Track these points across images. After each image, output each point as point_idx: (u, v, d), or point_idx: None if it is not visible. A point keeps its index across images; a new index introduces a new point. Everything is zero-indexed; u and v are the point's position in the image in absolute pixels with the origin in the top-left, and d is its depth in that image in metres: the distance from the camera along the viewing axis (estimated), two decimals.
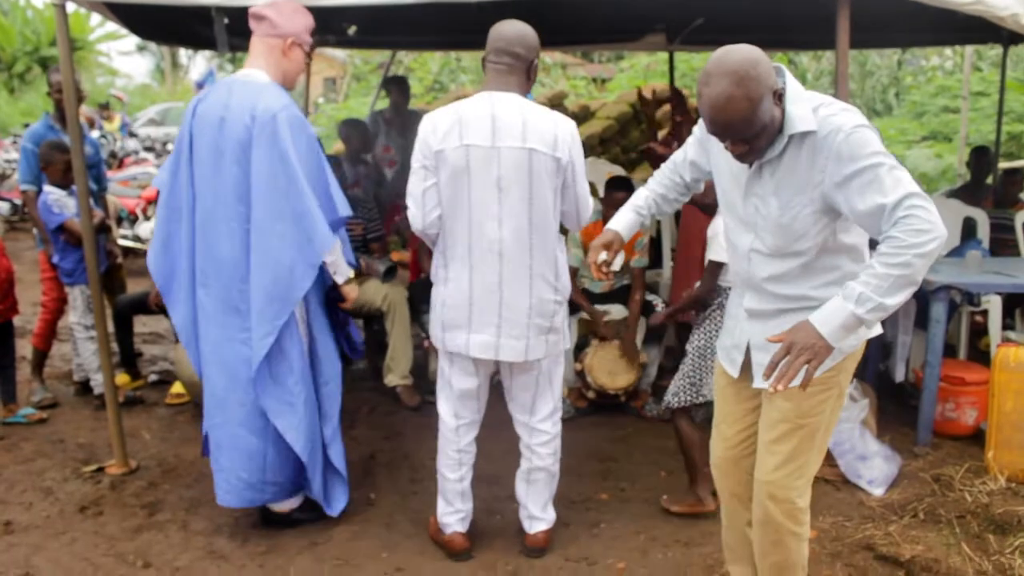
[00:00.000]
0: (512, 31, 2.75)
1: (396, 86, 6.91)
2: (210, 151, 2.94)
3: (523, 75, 2.78)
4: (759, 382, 2.30)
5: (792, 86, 2.05)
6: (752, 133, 1.99)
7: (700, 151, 2.46)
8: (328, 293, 3.17)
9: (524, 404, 3.02)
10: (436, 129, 2.72)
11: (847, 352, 2.24)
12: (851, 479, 3.60)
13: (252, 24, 3.00)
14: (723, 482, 2.58)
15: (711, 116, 1.98)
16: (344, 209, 3.01)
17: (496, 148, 2.69)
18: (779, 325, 2.17)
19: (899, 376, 4.63)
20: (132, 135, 13.33)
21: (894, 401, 4.47)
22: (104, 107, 14.05)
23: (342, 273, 3.09)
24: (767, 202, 2.14)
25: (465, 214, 2.75)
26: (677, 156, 2.57)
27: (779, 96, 2.01)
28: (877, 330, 2.30)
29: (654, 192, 2.60)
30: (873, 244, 2.69)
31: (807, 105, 2.03)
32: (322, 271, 3.02)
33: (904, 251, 1.88)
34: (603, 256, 2.48)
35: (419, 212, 2.79)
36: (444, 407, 3.05)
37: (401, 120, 6.66)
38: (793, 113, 2.02)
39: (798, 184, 2.07)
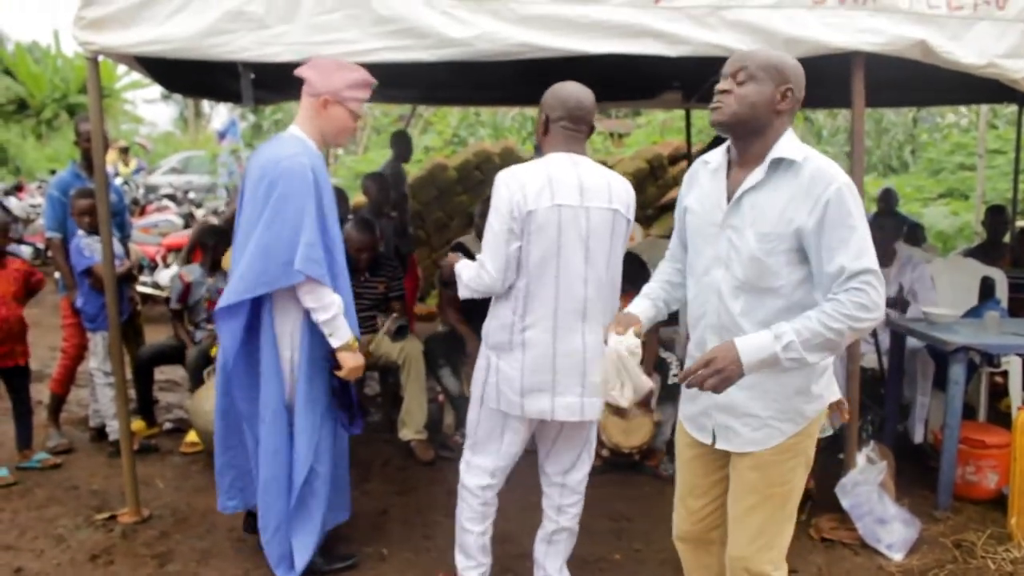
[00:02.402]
0: (590, 101, 2.77)
1: (399, 140, 7.60)
2: (247, 201, 3.07)
3: (587, 139, 2.85)
4: (721, 443, 2.27)
5: (790, 131, 2.17)
6: (752, 76, 2.11)
7: (681, 215, 2.42)
8: (328, 360, 3.09)
9: (567, 462, 2.97)
10: (524, 189, 2.66)
11: (811, 417, 2.21)
12: (869, 543, 3.53)
13: None
14: (689, 556, 2.51)
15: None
16: (304, 266, 2.90)
17: (585, 208, 2.70)
18: (743, 384, 2.09)
19: (917, 438, 4.57)
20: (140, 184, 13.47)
21: (912, 463, 4.37)
22: (124, 151, 14.24)
23: (339, 336, 3.02)
24: (743, 235, 2.15)
25: (553, 275, 2.70)
26: (671, 243, 2.57)
27: (786, 95, 2.13)
28: (836, 394, 2.27)
29: (660, 281, 2.56)
30: None
31: (799, 145, 2.13)
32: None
33: (843, 319, 1.96)
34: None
35: (500, 276, 2.70)
36: (482, 465, 2.92)
37: (395, 174, 7.27)
38: (783, 144, 2.12)
39: (776, 217, 2.10)
